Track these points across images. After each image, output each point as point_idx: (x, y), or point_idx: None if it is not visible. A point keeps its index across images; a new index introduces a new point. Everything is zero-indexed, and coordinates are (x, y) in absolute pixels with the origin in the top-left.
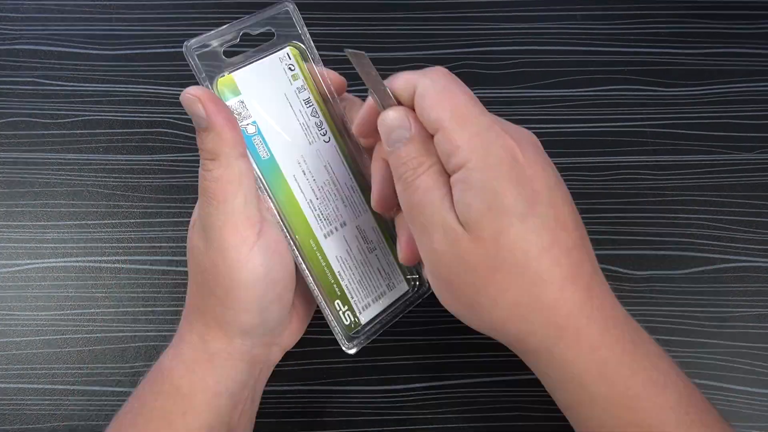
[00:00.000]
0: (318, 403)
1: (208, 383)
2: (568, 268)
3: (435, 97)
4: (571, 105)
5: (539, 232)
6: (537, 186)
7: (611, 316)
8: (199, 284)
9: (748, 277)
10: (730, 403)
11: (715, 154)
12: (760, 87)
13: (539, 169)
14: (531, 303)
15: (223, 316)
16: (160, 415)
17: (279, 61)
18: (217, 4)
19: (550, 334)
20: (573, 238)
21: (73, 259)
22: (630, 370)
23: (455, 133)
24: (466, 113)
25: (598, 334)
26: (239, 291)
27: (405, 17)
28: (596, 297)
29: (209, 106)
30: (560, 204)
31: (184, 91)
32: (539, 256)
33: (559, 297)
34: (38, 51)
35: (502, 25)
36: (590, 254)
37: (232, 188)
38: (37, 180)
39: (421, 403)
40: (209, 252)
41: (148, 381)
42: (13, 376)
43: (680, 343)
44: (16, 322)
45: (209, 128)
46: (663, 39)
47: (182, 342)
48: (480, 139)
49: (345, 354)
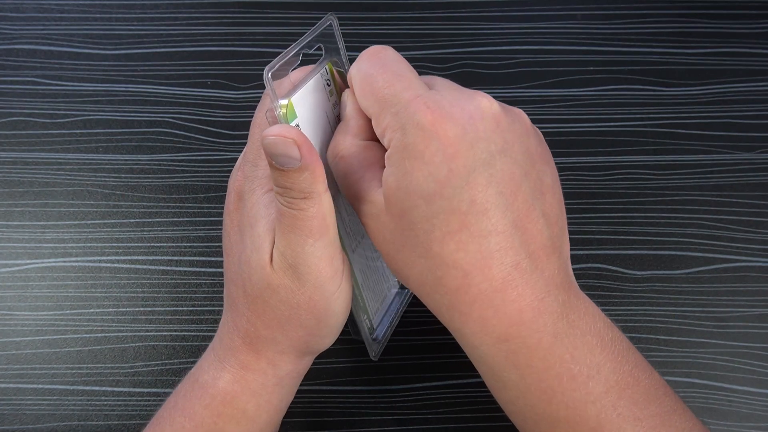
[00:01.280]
0: (318, 403)
1: (273, 404)
2: (477, 255)
3: (359, 85)
4: (571, 105)
5: (446, 215)
6: (455, 165)
7: (532, 307)
8: (283, 318)
9: (748, 277)
10: (730, 403)
11: (715, 154)
12: (760, 87)
13: (465, 147)
14: (434, 284)
15: (306, 343)
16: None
17: (321, 77)
18: (216, 3)
19: (454, 319)
20: (494, 223)
21: (72, 259)
22: (544, 363)
23: (380, 117)
24: (387, 94)
25: (507, 326)
26: (330, 320)
27: (405, 17)
28: (514, 287)
29: (305, 146)
30: (483, 186)
31: (270, 131)
32: (443, 239)
33: (463, 283)
34: (38, 51)
35: (502, 25)
36: (527, 244)
37: (326, 223)
38: (36, 180)
39: (421, 403)
40: (304, 288)
41: (202, 403)
42: (13, 375)
43: (680, 343)
44: (15, 322)
45: (304, 168)
46: (663, 39)
47: (247, 370)
48: (398, 119)
49: (345, 354)
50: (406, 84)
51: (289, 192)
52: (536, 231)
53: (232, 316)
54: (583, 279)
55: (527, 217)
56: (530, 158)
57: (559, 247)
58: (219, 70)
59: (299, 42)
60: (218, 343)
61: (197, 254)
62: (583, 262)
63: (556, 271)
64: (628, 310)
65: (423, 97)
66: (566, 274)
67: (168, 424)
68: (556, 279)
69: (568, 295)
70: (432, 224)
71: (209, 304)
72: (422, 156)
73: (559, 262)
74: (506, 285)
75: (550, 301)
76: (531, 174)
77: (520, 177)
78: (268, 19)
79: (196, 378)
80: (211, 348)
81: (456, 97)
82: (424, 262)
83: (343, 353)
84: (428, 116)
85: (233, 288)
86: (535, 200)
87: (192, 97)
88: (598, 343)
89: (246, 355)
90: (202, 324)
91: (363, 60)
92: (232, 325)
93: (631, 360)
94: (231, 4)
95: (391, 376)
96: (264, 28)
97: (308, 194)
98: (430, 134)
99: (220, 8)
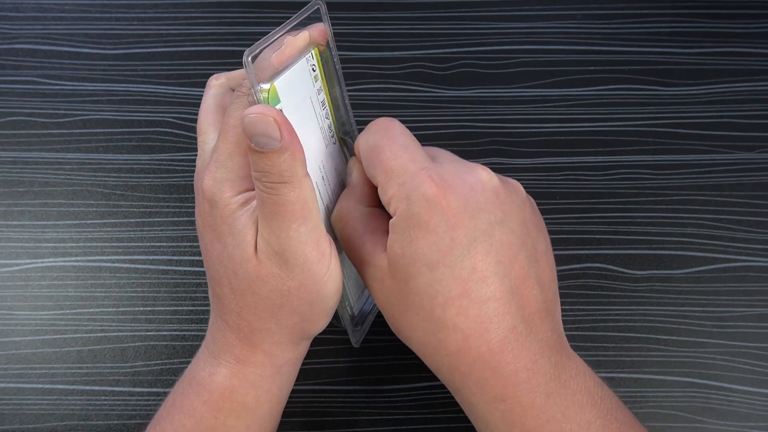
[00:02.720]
0: (318, 403)
1: (273, 393)
2: (477, 319)
3: (367, 155)
4: (571, 105)
5: (448, 281)
6: (457, 235)
7: (526, 368)
8: (275, 307)
9: (748, 277)
10: (730, 403)
11: (715, 153)
12: (760, 87)
13: (467, 218)
14: (436, 346)
15: (301, 329)
16: (223, 430)
17: (306, 62)
18: (216, 3)
19: (455, 379)
20: (492, 290)
21: (72, 259)
22: (536, 422)
23: (386, 187)
24: (393, 166)
25: (503, 387)
26: (323, 303)
27: (405, 17)
28: (510, 350)
29: (285, 127)
30: (483, 255)
31: (250, 110)
32: (445, 304)
33: (463, 346)
34: (38, 50)
35: (502, 25)
36: (523, 308)
37: (308, 206)
38: (36, 179)
39: (421, 403)
40: (293, 274)
41: (201, 400)
42: (13, 375)
43: (680, 343)
44: (15, 322)
45: (283, 149)
46: (663, 39)
47: (244, 364)
48: (404, 189)
49: (345, 354)
50: (412, 156)
51: (269, 176)
52: (531, 296)
53: (220, 314)
54: (583, 279)
55: (523, 284)
56: (526, 228)
57: (552, 310)
58: (219, 70)
59: (284, 26)
60: (211, 342)
61: (197, 254)
62: (583, 262)
63: (549, 334)
64: (628, 310)
65: (428, 170)
66: (558, 336)
67: (168, 423)
68: (549, 341)
69: (561, 356)
70: (435, 290)
71: (209, 304)
72: (427, 225)
73: (552, 325)
74: (503, 348)
75: (543, 362)
76: (527, 242)
77: (517, 246)
78: (268, 19)
79: (192, 376)
80: (205, 346)
81: (458, 170)
82: (427, 325)
83: (343, 353)
84: (433, 188)
85: (218, 287)
86: (531, 267)
87: (192, 97)
88: (588, 402)
89: (241, 349)
90: (202, 324)
91: (371, 131)
92: (222, 323)
93: (620, 417)
94: (231, 4)
95: (391, 376)
96: (264, 28)
97: (288, 179)
98: (434, 205)
99: (220, 8)
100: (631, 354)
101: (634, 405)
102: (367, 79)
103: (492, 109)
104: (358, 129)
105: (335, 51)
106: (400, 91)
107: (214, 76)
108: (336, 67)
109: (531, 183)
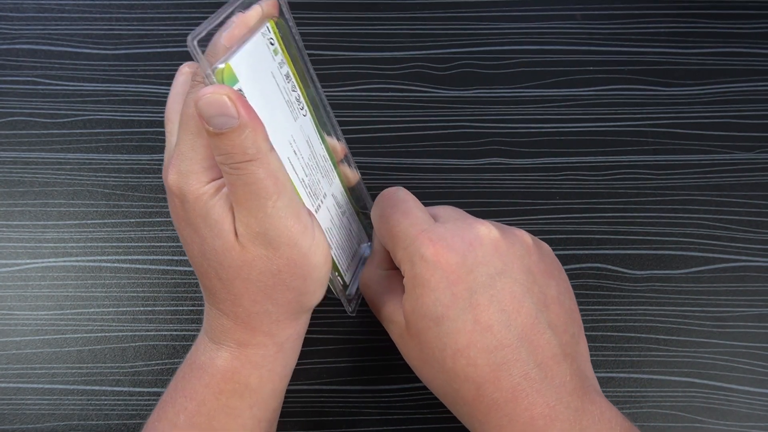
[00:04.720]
0: (318, 403)
1: (276, 371)
2: (487, 368)
3: (377, 225)
4: (571, 105)
5: (453, 334)
6: (458, 290)
7: (543, 415)
8: (267, 288)
9: (748, 277)
10: (730, 403)
11: (715, 154)
12: (760, 87)
13: (465, 272)
14: (454, 396)
15: (299, 303)
16: (225, 411)
17: (262, 37)
18: (217, 3)
19: (474, 426)
20: (499, 338)
21: (72, 259)
22: None
23: (394, 252)
24: (397, 232)
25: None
26: (315, 273)
27: (405, 17)
28: (525, 396)
29: (241, 102)
30: (485, 306)
31: (203, 92)
32: (454, 356)
33: (477, 395)
34: (38, 50)
35: (502, 25)
36: (535, 354)
37: (281, 180)
38: (36, 179)
39: (421, 403)
40: (280, 251)
41: (202, 383)
42: (13, 375)
43: (680, 343)
44: (15, 322)
45: (243, 126)
46: (663, 39)
47: (246, 346)
48: (407, 253)
49: (345, 354)
50: (412, 221)
51: (233, 156)
52: (543, 341)
53: (214, 303)
54: (583, 279)
55: (533, 330)
56: (531, 275)
57: (571, 353)
58: None
59: (230, 4)
60: (209, 329)
61: None
62: (583, 262)
63: (568, 378)
64: (628, 309)
65: (427, 232)
66: (580, 379)
67: (170, 406)
68: (567, 386)
69: (582, 401)
70: (443, 343)
71: None
72: (428, 283)
73: (571, 369)
74: (517, 395)
75: (561, 408)
76: (533, 289)
77: (521, 294)
78: None
79: (193, 360)
80: (203, 332)
81: (458, 227)
82: (442, 376)
83: (343, 353)
84: (431, 249)
85: (206, 279)
86: (540, 313)
87: None
88: None
89: (241, 333)
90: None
91: (379, 202)
92: (217, 312)
93: None
94: None
95: (391, 376)
96: None
97: (253, 156)
98: (433, 264)
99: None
100: (631, 354)
101: (634, 405)
102: (367, 79)
103: (492, 109)
104: (354, 123)
105: (292, 22)
106: (400, 91)
107: (186, 63)
108: (295, 38)
109: (531, 183)
